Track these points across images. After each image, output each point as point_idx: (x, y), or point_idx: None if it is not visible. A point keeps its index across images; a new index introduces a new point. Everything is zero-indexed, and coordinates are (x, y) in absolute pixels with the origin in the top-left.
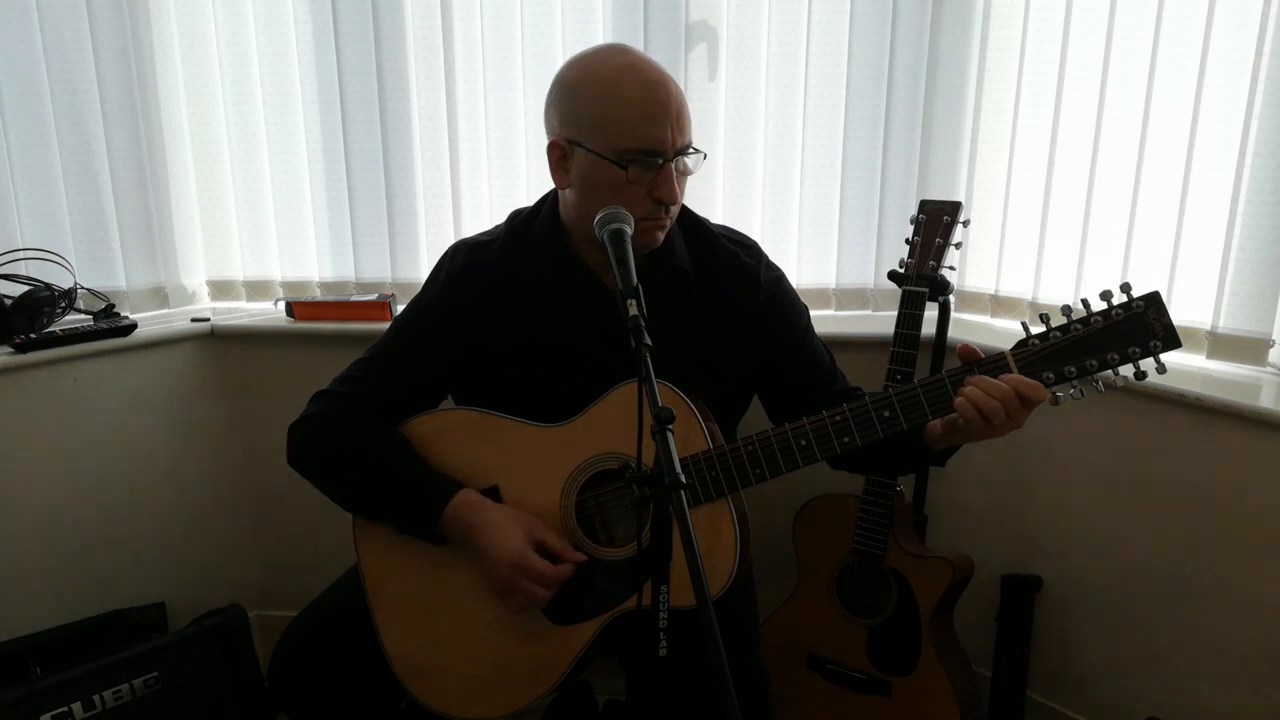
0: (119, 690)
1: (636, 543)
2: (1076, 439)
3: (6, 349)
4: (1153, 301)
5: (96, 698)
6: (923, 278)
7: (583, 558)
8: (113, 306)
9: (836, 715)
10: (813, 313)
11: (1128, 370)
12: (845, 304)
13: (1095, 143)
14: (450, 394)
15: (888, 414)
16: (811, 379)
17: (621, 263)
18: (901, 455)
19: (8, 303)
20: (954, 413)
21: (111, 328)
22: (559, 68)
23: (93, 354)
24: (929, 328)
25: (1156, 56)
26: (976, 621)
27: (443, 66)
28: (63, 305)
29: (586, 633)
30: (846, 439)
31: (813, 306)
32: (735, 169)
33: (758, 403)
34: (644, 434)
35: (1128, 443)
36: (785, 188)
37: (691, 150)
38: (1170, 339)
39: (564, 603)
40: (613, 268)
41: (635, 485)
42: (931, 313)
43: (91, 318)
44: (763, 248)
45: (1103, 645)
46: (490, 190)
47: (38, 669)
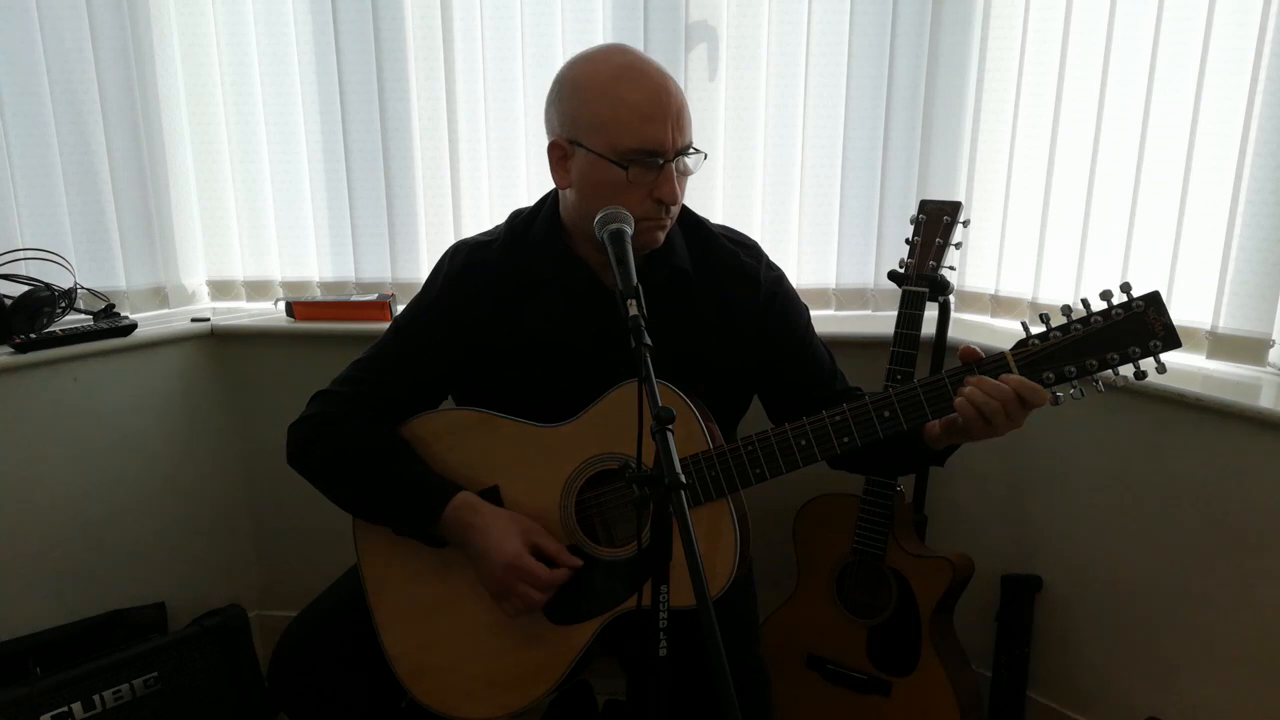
0: (119, 690)
1: (636, 543)
2: (1076, 439)
3: (6, 349)
4: (1153, 301)
5: (96, 698)
6: (923, 278)
7: (579, 563)
8: (113, 306)
9: (836, 715)
10: (813, 313)
11: (1128, 370)
12: (845, 304)
13: (1095, 143)
14: (450, 394)
15: (888, 414)
16: (811, 379)
17: (621, 263)
18: (901, 455)
19: (8, 303)
20: (954, 413)
21: (111, 328)
22: (559, 68)
23: (93, 354)
24: (929, 328)
25: (1156, 56)
26: (976, 621)
27: (443, 66)
28: (63, 305)
29: (586, 633)
30: (846, 439)
31: (813, 306)
32: (735, 169)
33: (758, 403)
34: (644, 434)
35: (1128, 443)
36: (785, 188)
37: (692, 150)
38: (1170, 339)
39: (564, 603)
40: (613, 268)
41: (635, 485)
42: (931, 313)
43: (91, 318)
44: (763, 248)
45: (1103, 645)
46: (490, 190)
47: (38, 669)
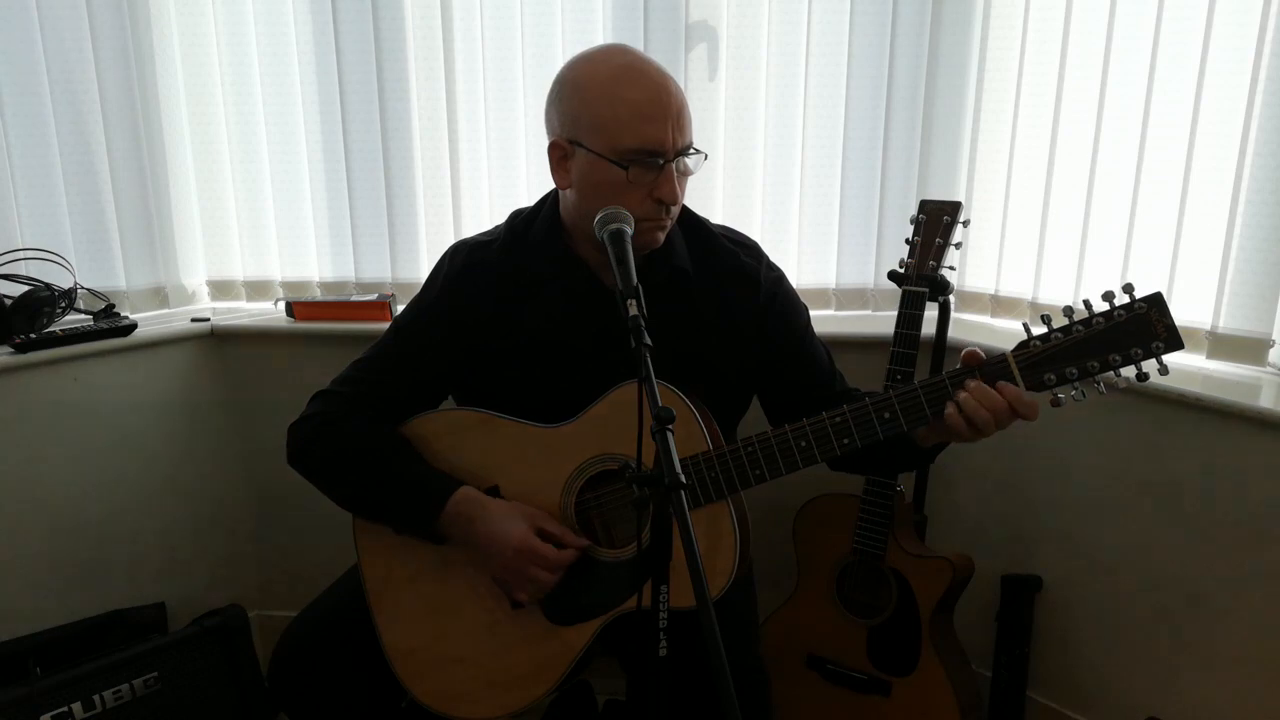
0: (119, 690)
1: (636, 543)
2: (1077, 439)
3: (6, 349)
4: (1155, 302)
5: (96, 698)
6: (923, 278)
7: (586, 542)
8: (113, 306)
9: (836, 715)
10: (813, 313)
11: (1129, 371)
12: (845, 304)
13: (1095, 143)
14: (450, 394)
15: (888, 415)
16: (811, 379)
17: (621, 263)
18: (894, 454)
19: (8, 303)
20: None
21: (111, 328)
22: (559, 68)
23: (93, 354)
24: (929, 328)
25: (1156, 56)
26: (976, 621)
27: (443, 66)
28: (63, 305)
29: (586, 633)
30: (846, 440)
31: (813, 306)
32: (735, 169)
33: (757, 403)
34: (644, 434)
35: (1128, 443)
36: (785, 188)
37: (692, 150)
38: (1172, 340)
39: (564, 603)
40: (613, 268)
41: (635, 485)
42: (931, 313)
43: (91, 318)
44: (763, 248)
45: (1103, 645)
46: (490, 190)
47: (38, 669)
